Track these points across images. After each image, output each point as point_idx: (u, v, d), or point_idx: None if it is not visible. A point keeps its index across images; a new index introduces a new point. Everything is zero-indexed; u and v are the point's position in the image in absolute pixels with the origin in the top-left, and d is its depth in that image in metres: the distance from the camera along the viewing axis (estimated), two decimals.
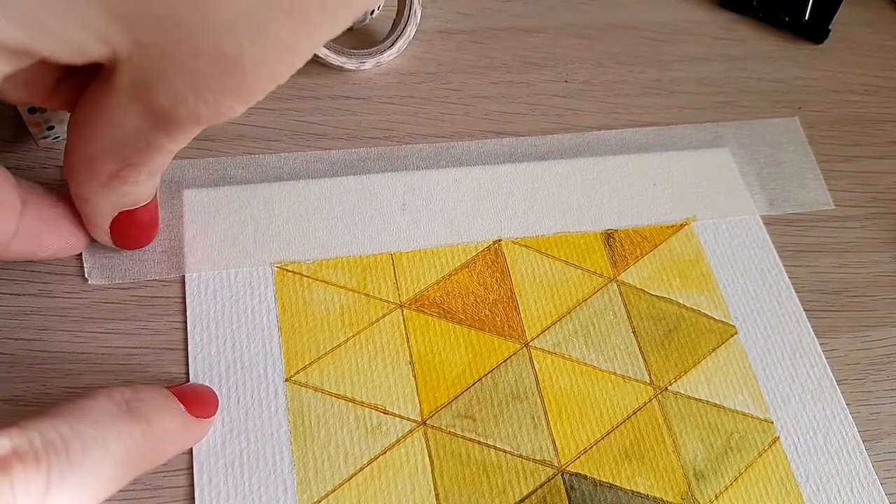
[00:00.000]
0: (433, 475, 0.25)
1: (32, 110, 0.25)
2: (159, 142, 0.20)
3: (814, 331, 0.30)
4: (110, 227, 0.25)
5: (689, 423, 0.28)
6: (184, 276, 0.27)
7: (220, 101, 0.18)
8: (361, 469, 0.25)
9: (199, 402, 0.23)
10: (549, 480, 0.26)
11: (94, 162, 0.22)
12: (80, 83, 0.21)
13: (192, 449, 0.24)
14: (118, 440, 0.20)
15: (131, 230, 0.25)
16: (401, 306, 0.28)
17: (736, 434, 0.28)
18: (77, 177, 0.23)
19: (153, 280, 0.27)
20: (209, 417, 0.24)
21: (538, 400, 0.27)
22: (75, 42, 0.17)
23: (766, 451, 0.27)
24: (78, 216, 0.25)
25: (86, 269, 0.26)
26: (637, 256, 0.31)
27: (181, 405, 0.22)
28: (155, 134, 0.20)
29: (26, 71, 0.19)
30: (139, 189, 0.23)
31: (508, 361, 0.28)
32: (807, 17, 0.40)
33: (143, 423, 0.21)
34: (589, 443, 0.27)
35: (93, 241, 0.26)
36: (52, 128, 0.27)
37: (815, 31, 0.40)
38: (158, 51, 0.17)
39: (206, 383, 0.25)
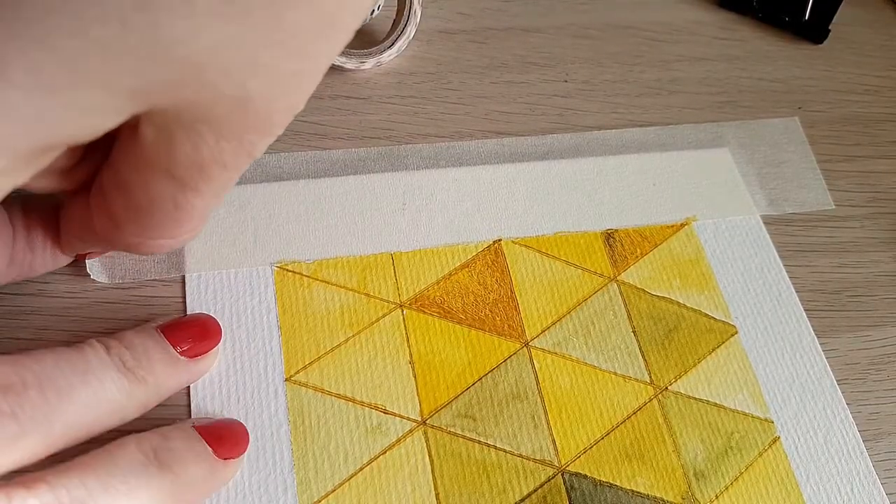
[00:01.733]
0: (433, 475, 0.25)
1: None
2: (188, 200, 0.19)
3: (814, 331, 0.30)
4: None
5: (690, 423, 0.28)
6: (184, 276, 0.27)
7: (241, 137, 0.18)
8: (361, 469, 0.25)
9: (227, 441, 0.23)
10: (549, 480, 0.26)
11: (124, 230, 0.21)
12: (98, 161, 0.21)
13: None
14: (147, 494, 0.20)
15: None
16: (401, 306, 0.28)
17: (736, 434, 0.28)
18: (100, 241, 0.22)
19: (153, 280, 0.27)
20: (237, 458, 0.24)
21: (538, 400, 0.27)
22: (94, 125, 0.16)
23: (766, 450, 0.27)
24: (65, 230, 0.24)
25: (87, 265, 0.26)
26: (637, 256, 0.31)
27: (209, 448, 0.22)
28: (184, 194, 0.19)
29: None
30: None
31: (508, 361, 0.28)
32: (807, 17, 0.40)
33: (171, 473, 0.21)
34: (589, 442, 0.27)
35: None
36: None
37: (815, 31, 0.40)
38: (173, 107, 0.17)
39: (206, 383, 0.25)
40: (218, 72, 0.16)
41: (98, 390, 0.21)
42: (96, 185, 0.21)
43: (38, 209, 0.24)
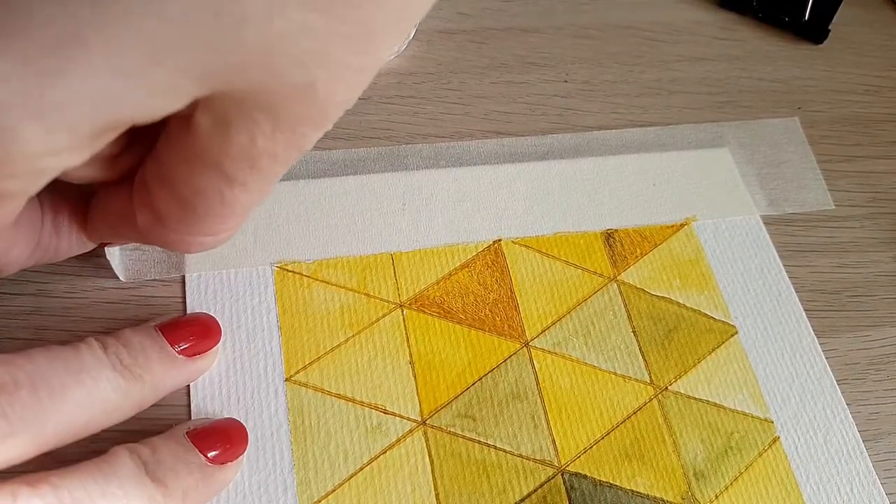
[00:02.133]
0: (433, 475, 0.25)
1: None
2: (234, 196, 0.19)
3: (814, 331, 0.30)
4: None
5: (689, 423, 0.28)
6: (184, 276, 0.27)
7: (295, 128, 0.18)
8: (361, 469, 0.25)
9: (223, 446, 0.23)
10: (549, 480, 0.26)
11: (166, 226, 0.20)
12: (140, 152, 0.21)
13: None
14: (140, 503, 0.20)
15: None
16: (401, 306, 0.28)
17: (736, 434, 0.28)
18: (142, 232, 0.22)
19: (153, 280, 0.27)
20: (235, 460, 0.23)
21: (538, 400, 0.27)
22: (158, 107, 0.16)
23: (766, 450, 0.27)
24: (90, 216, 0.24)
25: (107, 253, 0.26)
26: (637, 256, 0.31)
27: (201, 457, 0.22)
28: (231, 188, 0.19)
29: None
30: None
31: (508, 361, 0.28)
32: (807, 17, 0.40)
33: (161, 486, 0.21)
34: (589, 442, 0.27)
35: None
36: None
37: (815, 31, 0.40)
38: (237, 92, 0.17)
39: (206, 383, 0.25)
40: (289, 60, 0.16)
41: (92, 389, 0.21)
42: (139, 179, 0.20)
43: (66, 194, 0.23)
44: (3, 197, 0.17)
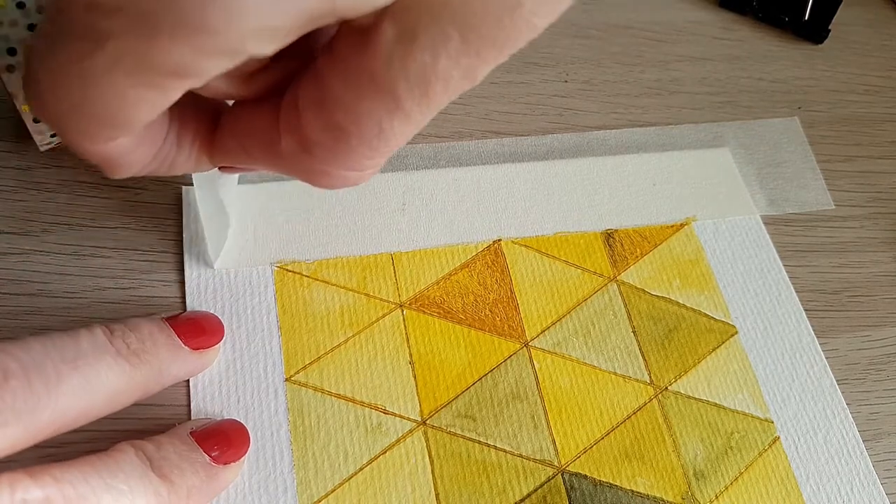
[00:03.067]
0: (433, 475, 0.25)
1: (38, 119, 0.25)
2: (393, 126, 0.18)
3: (814, 331, 0.30)
4: None
5: (689, 423, 0.28)
6: (184, 276, 0.27)
7: (480, 52, 0.17)
8: (361, 469, 0.25)
9: (226, 447, 0.23)
10: (549, 480, 0.26)
11: (313, 155, 0.19)
12: (282, 69, 0.20)
13: None
14: (145, 499, 0.20)
15: None
16: (401, 306, 0.28)
17: (736, 434, 0.28)
18: (277, 161, 0.20)
19: (153, 280, 0.27)
20: (237, 461, 0.23)
21: (538, 400, 0.27)
22: (365, 3, 0.16)
23: (766, 450, 0.27)
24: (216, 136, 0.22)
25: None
26: (637, 256, 0.31)
27: (205, 456, 0.22)
28: (392, 117, 0.18)
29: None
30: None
31: (508, 361, 0.28)
32: (806, 17, 0.40)
33: (166, 482, 0.21)
34: (589, 443, 0.27)
35: None
36: (55, 135, 0.27)
37: (815, 31, 0.40)
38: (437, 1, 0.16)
39: (206, 383, 0.25)
40: None
41: (90, 376, 0.21)
42: (290, 100, 0.19)
43: (195, 108, 0.22)
44: (186, 76, 0.16)
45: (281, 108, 0.20)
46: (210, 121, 0.22)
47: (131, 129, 0.18)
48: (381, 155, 0.19)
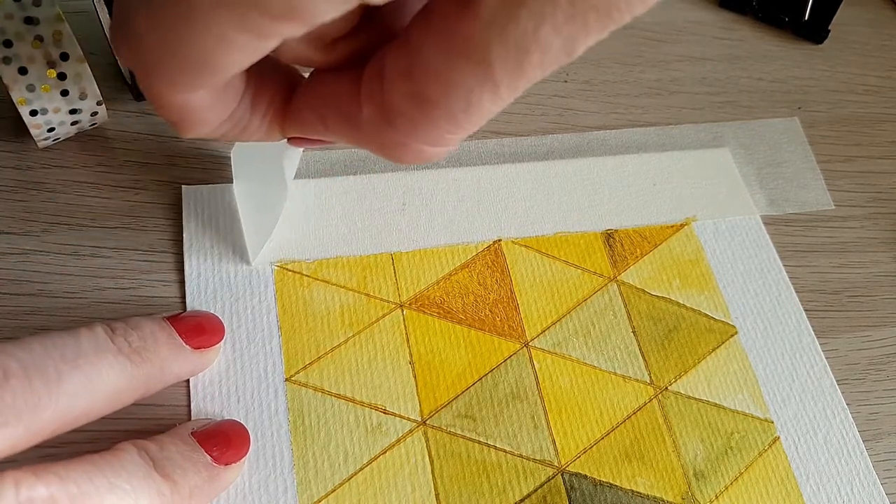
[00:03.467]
0: (433, 475, 0.25)
1: (34, 112, 0.25)
2: (482, 99, 0.17)
3: (814, 331, 0.30)
4: None
5: (689, 423, 0.28)
6: (184, 276, 0.27)
7: (588, 18, 0.16)
8: (361, 469, 0.25)
9: (227, 447, 0.23)
10: (549, 480, 0.26)
11: (395, 126, 0.19)
12: (366, 37, 0.19)
13: None
14: (148, 498, 0.20)
15: None
16: (401, 306, 0.28)
17: (736, 434, 0.28)
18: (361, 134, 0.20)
19: (153, 280, 0.27)
20: (238, 461, 0.24)
21: (538, 400, 0.27)
22: None
23: (766, 450, 0.27)
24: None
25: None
26: (637, 256, 0.31)
27: (207, 456, 0.22)
28: (482, 90, 0.17)
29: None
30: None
31: (508, 361, 0.28)
32: (806, 17, 0.40)
33: (169, 482, 0.21)
34: (589, 443, 0.27)
35: None
36: (52, 129, 0.27)
37: (815, 31, 0.40)
38: None
39: (206, 383, 0.25)
40: None
41: (91, 375, 0.21)
42: (375, 70, 0.19)
43: (272, 75, 0.21)
44: (292, 17, 0.15)
45: (364, 76, 0.19)
46: (285, 91, 0.21)
47: (221, 76, 0.17)
48: (463, 131, 0.19)
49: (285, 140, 0.23)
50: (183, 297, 0.27)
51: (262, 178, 0.27)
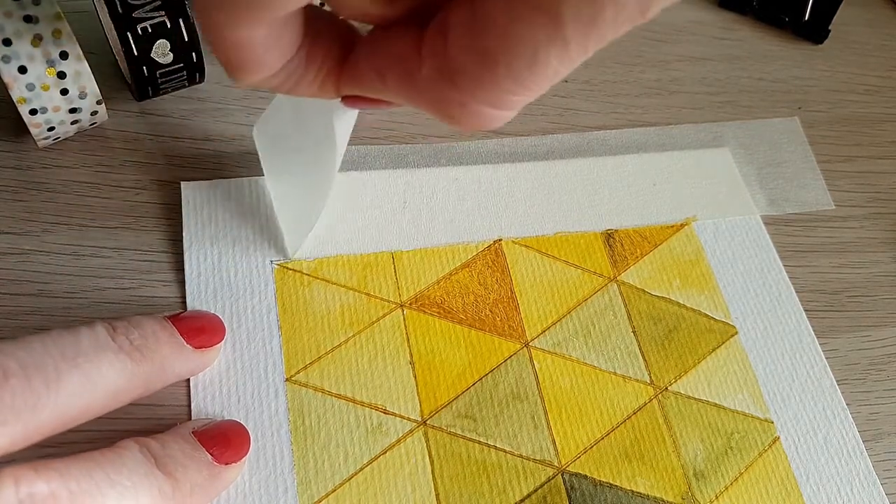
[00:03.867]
0: (433, 475, 0.25)
1: (34, 111, 0.25)
2: (548, 57, 0.17)
3: (814, 331, 0.30)
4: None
5: (690, 423, 0.28)
6: (184, 276, 0.27)
7: None
8: (361, 469, 0.25)
9: (227, 446, 0.23)
10: (549, 480, 0.26)
11: (457, 84, 0.18)
12: None
13: None
14: (149, 495, 0.20)
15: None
16: (401, 306, 0.28)
17: (736, 434, 0.28)
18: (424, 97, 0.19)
19: (153, 280, 0.27)
20: (239, 461, 0.24)
21: (538, 400, 0.27)
22: None
23: (766, 451, 0.27)
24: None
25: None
26: (637, 256, 0.31)
27: (208, 455, 0.22)
28: (550, 46, 0.16)
29: None
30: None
31: (508, 361, 0.28)
32: (806, 18, 0.40)
33: (171, 479, 0.21)
34: (589, 443, 0.27)
35: None
36: (52, 128, 0.27)
37: (815, 31, 0.40)
38: None
39: (206, 383, 0.25)
40: None
41: (91, 374, 0.21)
42: (438, 25, 0.18)
43: (330, 30, 0.21)
44: None
45: (427, 32, 0.19)
46: (341, 48, 0.21)
47: (281, 10, 0.17)
48: (527, 92, 0.18)
49: (337, 111, 0.22)
50: (183, 296, 0.27)
51: (303, 159, 0.26)
